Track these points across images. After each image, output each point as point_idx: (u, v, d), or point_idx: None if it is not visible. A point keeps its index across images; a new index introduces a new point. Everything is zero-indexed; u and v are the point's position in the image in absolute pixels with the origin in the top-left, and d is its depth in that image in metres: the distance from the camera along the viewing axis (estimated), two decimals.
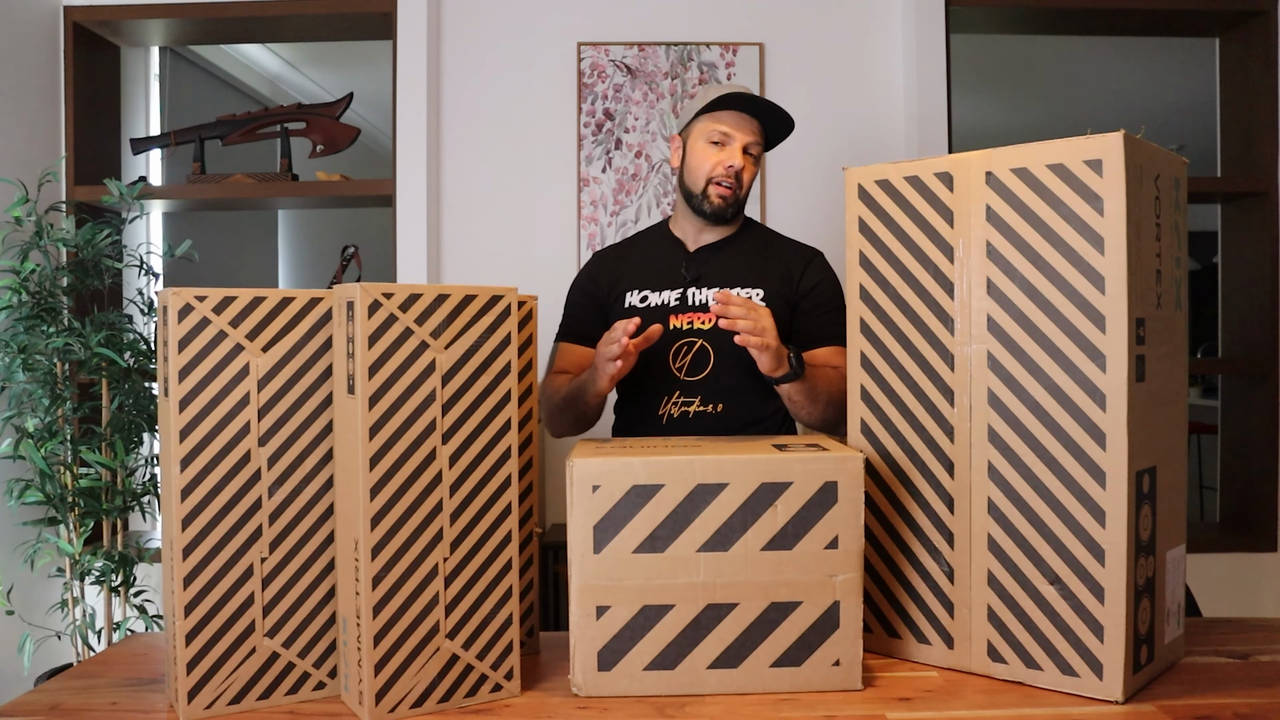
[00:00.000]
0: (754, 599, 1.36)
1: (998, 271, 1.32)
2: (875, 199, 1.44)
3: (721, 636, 1.36)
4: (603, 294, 2.01)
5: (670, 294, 1.94)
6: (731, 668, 1.36)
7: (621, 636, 1.35)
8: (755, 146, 1.93)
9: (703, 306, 1.92)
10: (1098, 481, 1.25)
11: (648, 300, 1.95)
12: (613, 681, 1.36)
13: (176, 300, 1.28)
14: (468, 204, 3.24)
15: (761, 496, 1.36)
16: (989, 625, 1.34)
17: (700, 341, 1.90)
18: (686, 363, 1.90)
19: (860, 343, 1.47)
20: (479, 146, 3.23)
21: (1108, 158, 1.24)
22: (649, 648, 1.36)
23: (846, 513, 1.35)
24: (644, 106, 3.17)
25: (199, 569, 1.28)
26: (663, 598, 1.36)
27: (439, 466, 1.27)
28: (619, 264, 2.03)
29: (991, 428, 1.33)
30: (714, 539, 1.35)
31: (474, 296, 1.29)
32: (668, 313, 1.92)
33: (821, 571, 1.36)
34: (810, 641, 1.36)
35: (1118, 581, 1.24)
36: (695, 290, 1.93)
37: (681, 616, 1.36)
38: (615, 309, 1.98)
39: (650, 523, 1.35)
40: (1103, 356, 1.24)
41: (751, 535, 1.36)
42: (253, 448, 1.31)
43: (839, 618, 1.36)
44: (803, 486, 1.35)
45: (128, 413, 2.70)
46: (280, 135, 3.18)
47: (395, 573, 1.24)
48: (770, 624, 1.36)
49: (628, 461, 1.36)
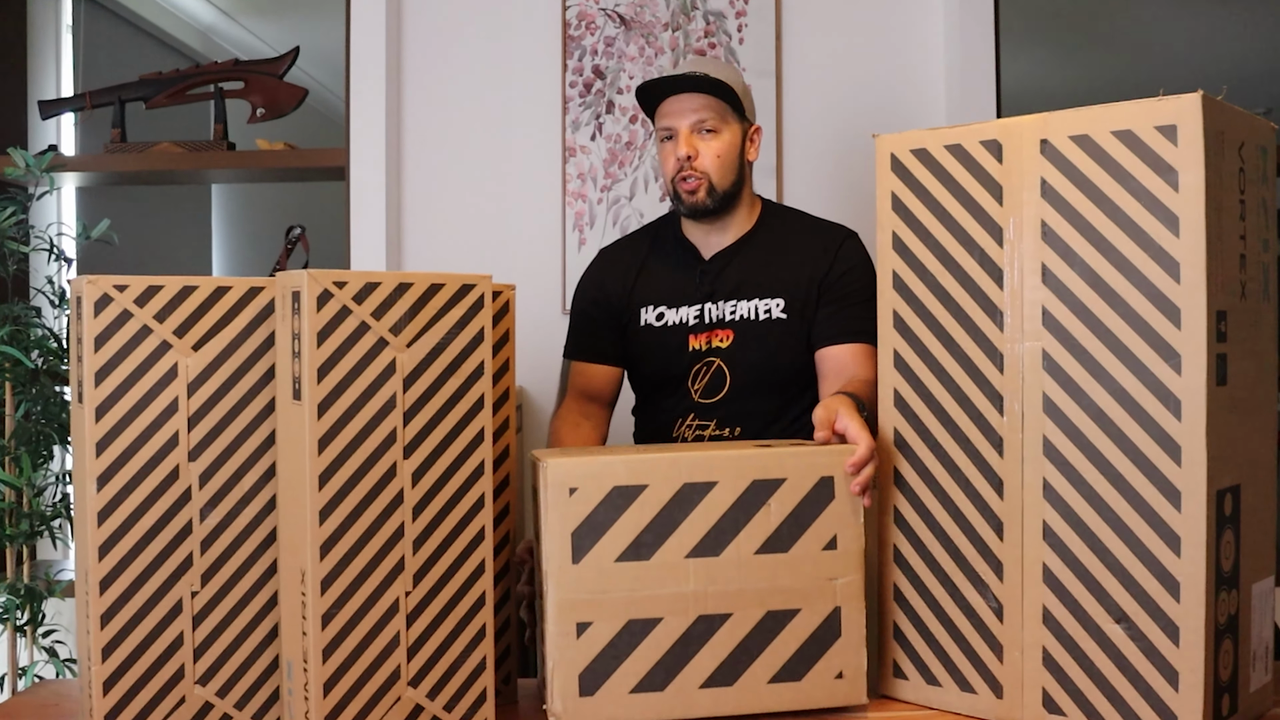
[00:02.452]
0: (749, 608, 1.41)
1: (1054, 256, 1.32)
2: (911, 171, 1.44)
3: (715, 652, 1.40)
4: (616, 303, 2.05)
5: (689, 311, 1.99)
6: (726, 686, 1.41)
7: (605, 656, 1.39)
8: (709, 121, 1.94)
9: (719, 322, 1.97)
10: (1172, 502, 1.25)
11: (664, 319, 2.00)
12: (595, 708, 1.39)
13: (92, 290, 1.27)
14: (433, 177, 3.23)
15: (753, 495, 1.41)
16: (1044, 671, 1.34)
17: (718, 362, 1.95)
18: (704, 385, 1.95)
19: (894, 340, 1.47)
20: (447, 110, 3.22)
21: (1183, 123, 1.24)
22: (635, 667, 1.39)
23: (845, 510, 1.41)
24: (640, 63, 3.17)
25: (119, 605, 1.28)
26: (650, 610, 1.40)
27: (400, 485, 1.26)
28: (631, 272, 2.07)
29: (1047, 439, 1.33)
30: (704, 543, 1.41)
31: (441, 286, 1.29)
32: (686, 333, 1.98)
33: (820, 575, 1.42)
34: (810, 653, 1.40)
35: (1195, 620, 1.24)
36: (713, 305, 1.97)
37: (671, 631, 1.40)
38: (631, 326, 2.03)
39: (634, 527, 1.40)
40: (1177, 356, 1.24)
41: (744, 537, 1.41)
42: (182, 463, 1.30)
43: (840, 625, 1.41)
44: (797, 483, 1.42)
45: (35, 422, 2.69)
46: (214, 97, 3.18)
47: (349, 609, 1.24)
48: (767, 635, 1.41)
49: (608, 461, 1.41)
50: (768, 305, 1.96)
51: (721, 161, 1.95)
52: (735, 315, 1.95)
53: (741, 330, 1.94)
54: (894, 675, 1.49)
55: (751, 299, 1.97)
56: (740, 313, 1.95)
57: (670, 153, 1.97)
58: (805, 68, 3.16)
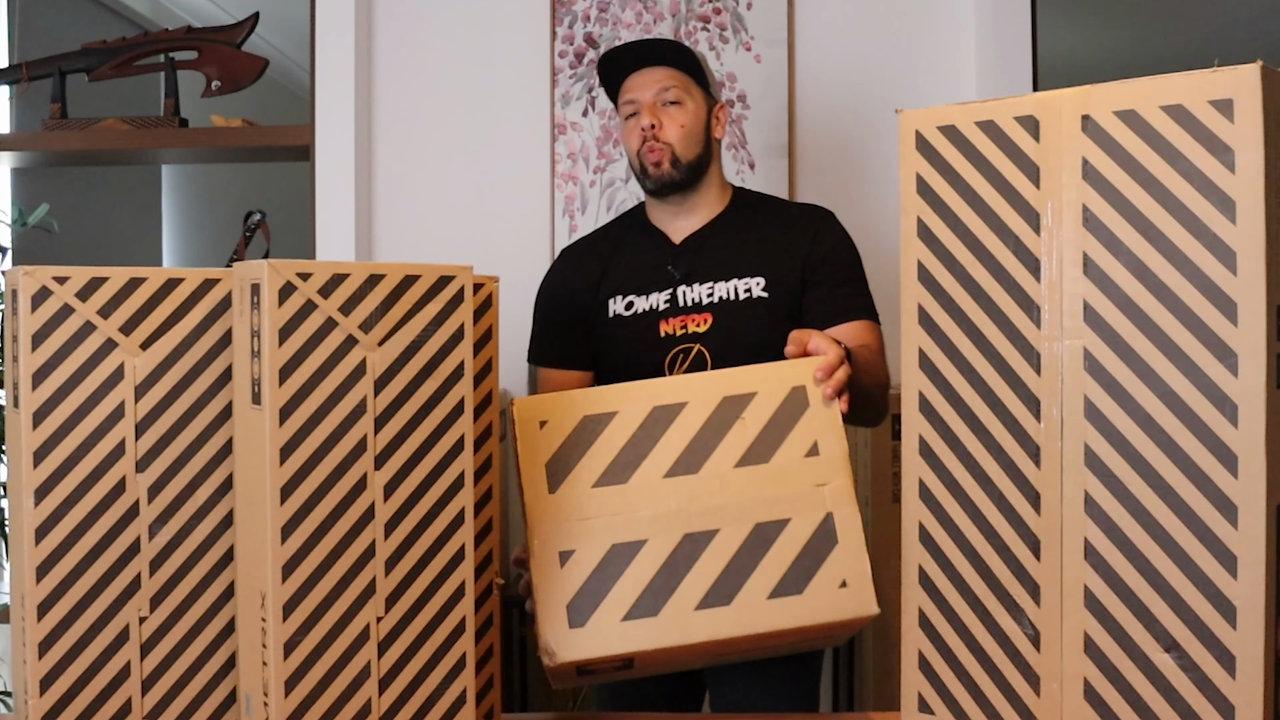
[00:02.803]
0: (736, 522, 1.52)
1: (1097, 245, 1.32)
2: (938, 150, 1.44)
3: (706, 571, 1.50)
4: (581, 301, 2.15)
5: (659, 296, 2.08)
6: (723, 605, 1.49)
7: (591, 584, 1.49)
8: (669, 92, 2.07)
9: (696, 306, 2.06)
10: (1227, 518, 1.25)
11: (634, 307, 2.09)
12: (587, 639, 1.47)
13: (30, 282, 1.27)
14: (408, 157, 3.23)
15: (726, 410, 1.55)
16: (1085, 705, 1.34)
17: (697, 347, 2.04)
18: (684, 371, 2.03)
19: (919, 337, 1.47)
20: (423, 83, 3.22)
21: (1240, 97, 1.24)
22: (625, 594, 1.49)
23: (823, 416, 1.55)
24: (637, 30, 3.17)
25: (59, 632, 1.28)
26: (633, 533, 1.51)
27: (371, 498, 1.26)
28: (596, 264, 2.17)
29: (1089, 448, 1.33)
30: (681, 461, 1.54)
31: (416, 278, 1.29)
32: (657, 318, 2.07)
33: (806, 482, 1.53)
34: (808, 564, 1.50)
35: (1253, 649, 1.24)
36: (686, 289, 2.07)
37: (657, 552, 1.50)
38: (599, 318, 2.11)
39: (609, 452, 1.53)
40: (1234, 355, 1.24)
41: (721, 452, 1.54)
42: (129, 474, 1.30)
43: (836, 531, 1.52)
44: (769, 395, 1.55)
45: None
46: (165, 68, 3.17)
47: (314, 637, 1.24)
48: (759, 548, 1.51)
49: (572, 395, 1.58)
50: (748, 284, 2.06)
51: (686, 132, 2.07)
52: (713, 297, 2.05)
53: (721, 312, 2.04)
54: (919, 709, 1.49)
55: (729, 279, 2.06)
56: (719, 294, 2.05)
57: (634, 127, 2.08)
58: (820, 36, 3.17)
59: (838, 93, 3.17)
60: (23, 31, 3.63)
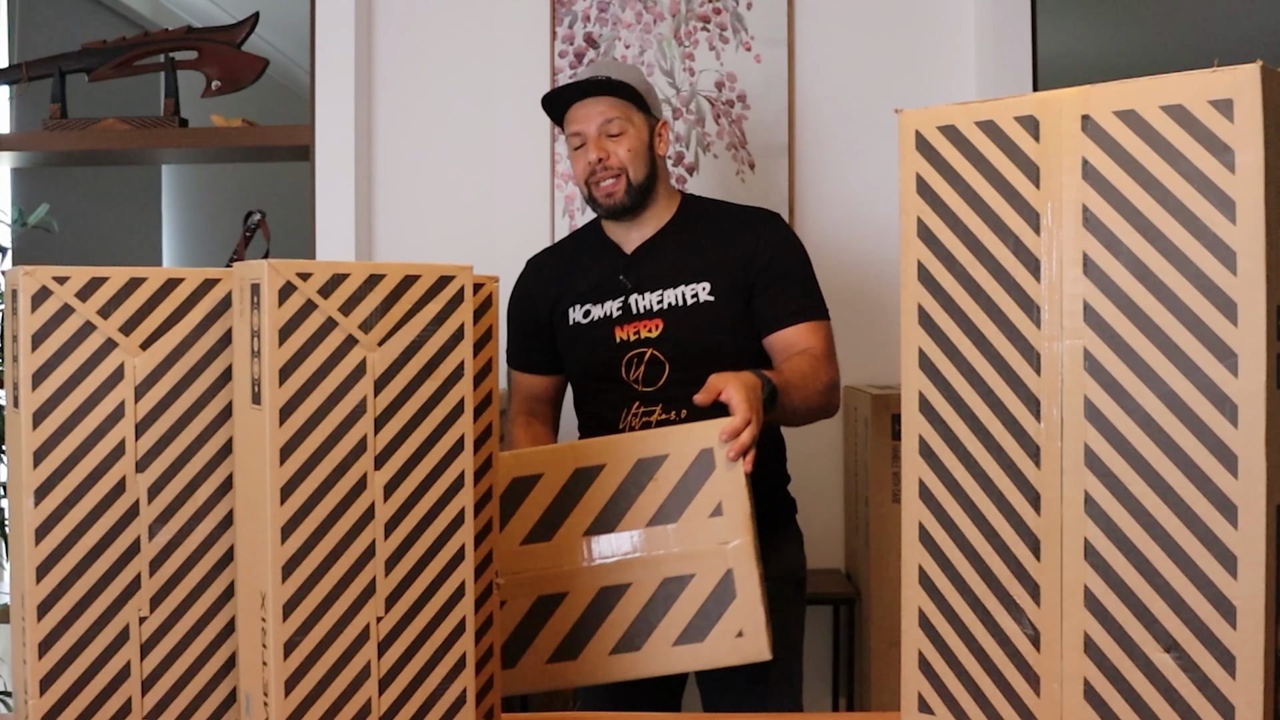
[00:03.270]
0: (646, 577, 1.68)
1: (1097, 245, 1.32)
2: (938, 151, 1.44)
3: (619, 620, 1.67)
4: (543, 311, 2.31)
5: (612, 304, 2.23)
6: (634, 651, 1.67)
7: (521, 631, 1.67)
8: (613, 124, 2.20)
9: (647, 313, 2.20)
10: (1227, 518, 1.25)
11: (590, 315, 2.24)
12: (519, 678, 1.68)
13: (30, 282, 1.27)
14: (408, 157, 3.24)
15: (640, 472, 1.70)
16: (1085, 705, 1.34)
17: (650, 351, 2.18)
18: (640, 373, 2.18)
19: (918, 337, 1.47)
20: (423, 83, 3.22)
21: (1240, 97, 1.24)
22: (549, 640, 1.68)
23: (726, 478, 1.68)
24: (637, 30, 3.17)
25: (59, 632, 1.28)
26: (556, 586, 1.69)
27: (371, 498, 1.26)
28: (556, 279, 2.33)
29: (1089, 448, 1.33)
30: (599, 521, 1.70)
31: (417, 278, 1.29)
32: (612, 325, 2.21)
33: (710, 540, 1.68)
34: (710, 614, 1.66)
35: (1253, 649, 1.24)
36: (639, 296, 2.21)
37: (577, 603, 1.68)
38: (559, 327, 2.29)
39: (535, 512, 1.70)
40: (1234, 355, 1.24)
41: (635, 512, 1.69)
42: (129, 474, 1.30)
43: (735, 586, 1.66)
44: (679, 457, 1.69)
45: None
46: (165, 68, 3.17)
47: (314, 637, 1.24)
48: (666, 601, 1.67)
49: (504, 457, 1.70)
50: (694, 290, 2.19)
51: (634, 155, 2.20)
52: (663, 304, 2.18)
53: (670, 318, 2.17)
54: (919, 709, 1.49)
55: (677, 286, 2.20)
56: (668, 300, 2.18)
57: (581, 158, 2.21)
58: (821, 36, 3.17)
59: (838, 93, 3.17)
60: (23, 31, 3.63)
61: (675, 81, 3.20)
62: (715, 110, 3.20)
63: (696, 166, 3.21)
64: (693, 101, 3.21)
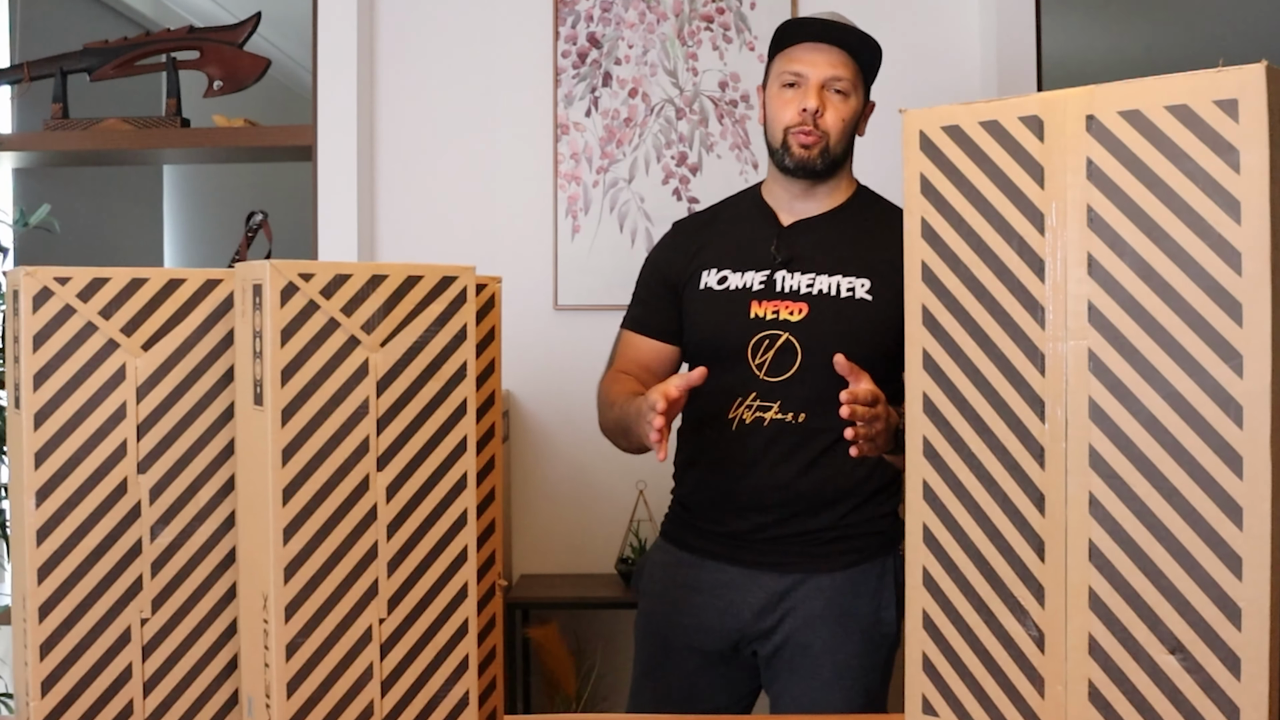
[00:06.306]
0: None
1: (1101, 245, 1.32)
2: (942, 151, 1.44)
3: None
4: (677, 271, 2.10)
5: (755, 276, 2.02)
6: None
7: None
8: (840, 82, 2.02)
9: (793, 294, 2.00)
10: (1232, 519, 1.25)
11: (726, 282, 2.04)
12: None
13: (31, 283, 1.27)
14: (410, 158, 3.24)
15: None
16: (1090, 707, 1.34)
17: (786, 335, 1.98)
18: (768, 359, 1.98)
19: (923, 338, 1.46)
20: (425, 83, 3.23)
21: (1245, 97, 1.24)
22: None
23: None
24: (640, 30, 3.17)
25: (60, 633, 1.28)
26: None
27: (373, 500, 1.26)
28: (700, 234, 2.13)
29: (1094, 449, 1.33)
30: None
31: (419, 278, 1.29)
32: (750, 298, 2.01)
33: None
34: None
35: (1258, 650, 1.24)
36: (786, 274, 2.01)
37: None
38: (689, 290, 2.07)
39: None
40: (1239, 356, 1.24)
41: None
42: (130, 475, 1.30)
43: None
44: None
45: None
46: (167, 68, 3.18)
47: (316, 638, 1.24)
48: None
49: None
50: (851, 284, 2.00)
51: (845, 126, 2.03)
52: (813, 289, 1.99)
53: (818, 305, 1.97)
54: (924, 711, 1.49)
55: (834, 274, 2.00)
56: (819, 286, 1.99)
57: (793, 101, 2.01)
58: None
59: None
60: (24, 31, 3.63)
61: (678, 81, 3.20)
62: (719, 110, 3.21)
63: (700, 166, 3.21)
64: (696, 101, 3.21)
